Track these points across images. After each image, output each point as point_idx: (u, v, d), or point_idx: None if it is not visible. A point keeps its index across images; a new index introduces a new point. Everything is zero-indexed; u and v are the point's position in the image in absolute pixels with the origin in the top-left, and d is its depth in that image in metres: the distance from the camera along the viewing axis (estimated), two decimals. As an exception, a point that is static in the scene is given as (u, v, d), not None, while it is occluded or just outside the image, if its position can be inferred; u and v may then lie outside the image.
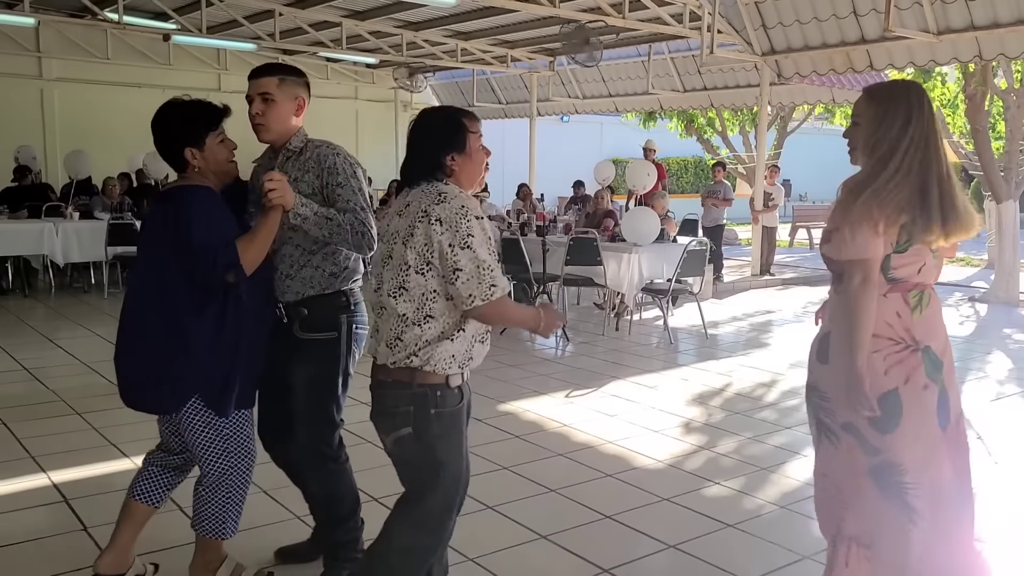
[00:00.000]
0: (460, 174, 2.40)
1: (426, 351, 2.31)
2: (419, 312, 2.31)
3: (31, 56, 13.52)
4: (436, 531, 2.47)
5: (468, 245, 2.25)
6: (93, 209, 9.80)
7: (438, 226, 2.26)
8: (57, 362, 6.33)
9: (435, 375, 2.32)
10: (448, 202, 2.28)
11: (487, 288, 2.26)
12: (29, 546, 3.23)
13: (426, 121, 2.44)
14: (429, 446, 2.36)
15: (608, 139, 21.89)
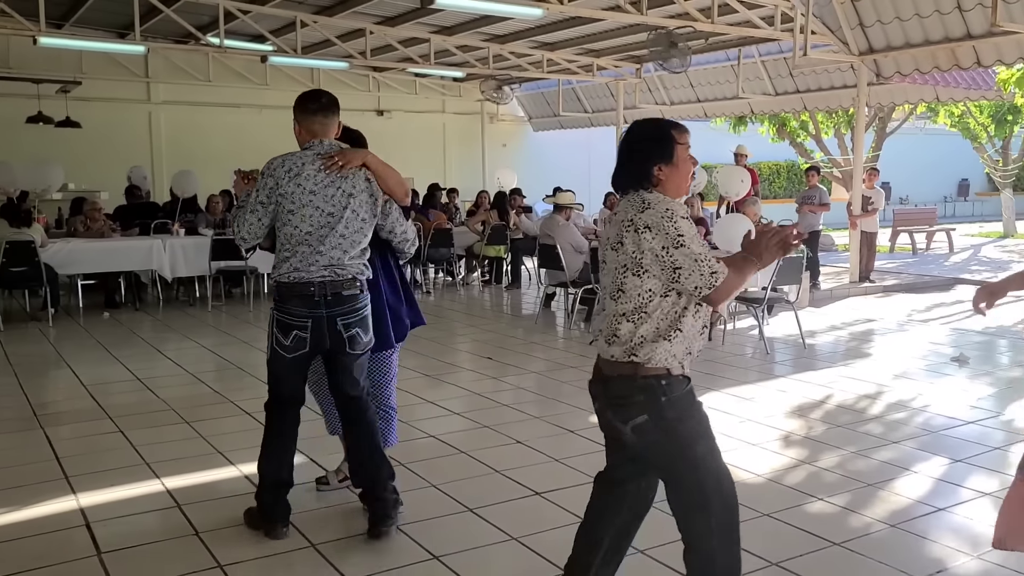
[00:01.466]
0: (667, 183, 2.49)
1: (645, 350, 2.40)
2: (636, 311, 2.42)
3: (140, 81, 14.30)
4: (718, 504, 2.47)
5: (680, 244, 2.35)
6: (198, 226, 10.24)
7: (647, 233, 2.37)
8: (166, 372, 6.64)
9: (657, 368, 2.41)
10: (653, 208, 2.40)
11: (709, 276, 2.35)
12: (146, 549, 3.39)
13: (636, 132, 2.57)
14: (670, 429, 2.43)
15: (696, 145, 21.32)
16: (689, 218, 2.42)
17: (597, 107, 16.58)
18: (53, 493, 3.94)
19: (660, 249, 2.36)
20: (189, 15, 11.14)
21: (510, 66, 13.95)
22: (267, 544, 3.41)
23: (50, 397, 6.00)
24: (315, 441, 4.37)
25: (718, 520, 2.47)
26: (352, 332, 3.38)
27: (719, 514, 2.47)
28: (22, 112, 12.48)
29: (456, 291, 11.60)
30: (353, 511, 3.76)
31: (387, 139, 16.68)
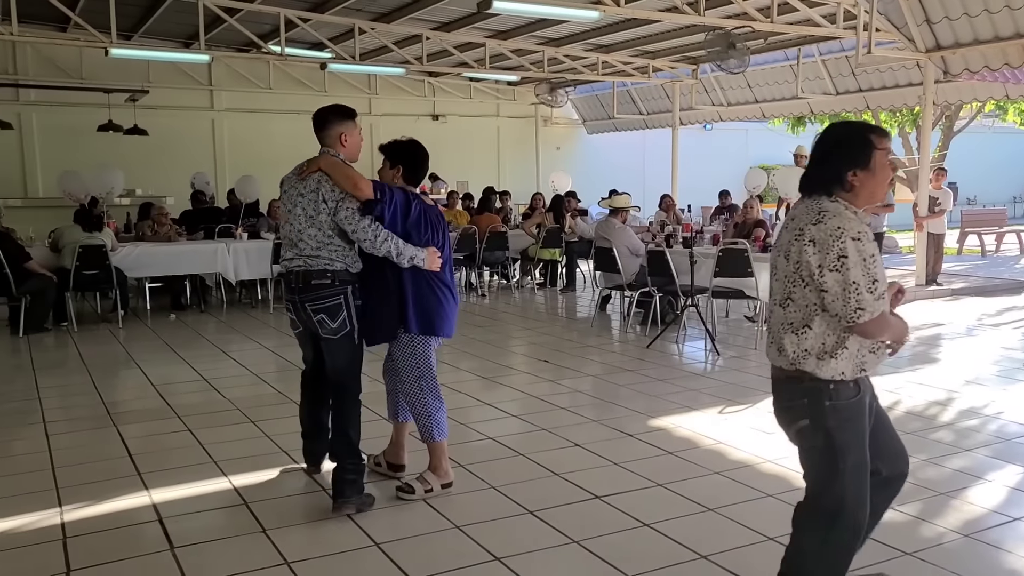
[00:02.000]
0: (860, 190, 2.43)
1: (809, 364, 2.44)
2: (801, 323, 2.45)
3: (204, 89, 14.69)
4: (846, 522, 2.49)
5: (838, 268, 2.33)
6: (260, 230, 10.47)
7: (810, 247, 2.37)
8: (230, 372, 6.80)
9: (823, 376, 2.45)
10: (825, 223, 2.36)
11: (852, 311, 2.34)
12: (216, 544, 3.48)
13: (833, 134, 2.51)
14: (827, 435, 2.46)
15: (753, 146, 21.22)
16: (865, 238, 2.35)
17: (652, 109, 16.47)
18: (127, 489, 4.08)
19: (816, 267, 2.36)
20: (251, 24, 11.43)
21: (565, 69, 13.95)
22: (332, 542, 3.48)
23: (121, 396, 6.20)
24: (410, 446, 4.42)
25: (839, 536, 2.50)
26: (319, 317, 3.75)
27: (841, 532, 2.49)
28: (94, 120, 12.93)
29: (511, 294, 11.64)
30: (417, 510, 3.81)
31: (442, 143, 16.84)
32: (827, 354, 2.42)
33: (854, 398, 2.46)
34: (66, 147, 13.29)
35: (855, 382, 2.47)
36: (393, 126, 16.50)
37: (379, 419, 4.41)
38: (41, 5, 9.85)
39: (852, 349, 2.44)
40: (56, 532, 3.58)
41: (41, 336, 8.30)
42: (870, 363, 2.49)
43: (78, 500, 3.93)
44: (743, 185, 11.18)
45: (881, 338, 2.47)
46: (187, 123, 14.54)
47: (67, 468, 4.39)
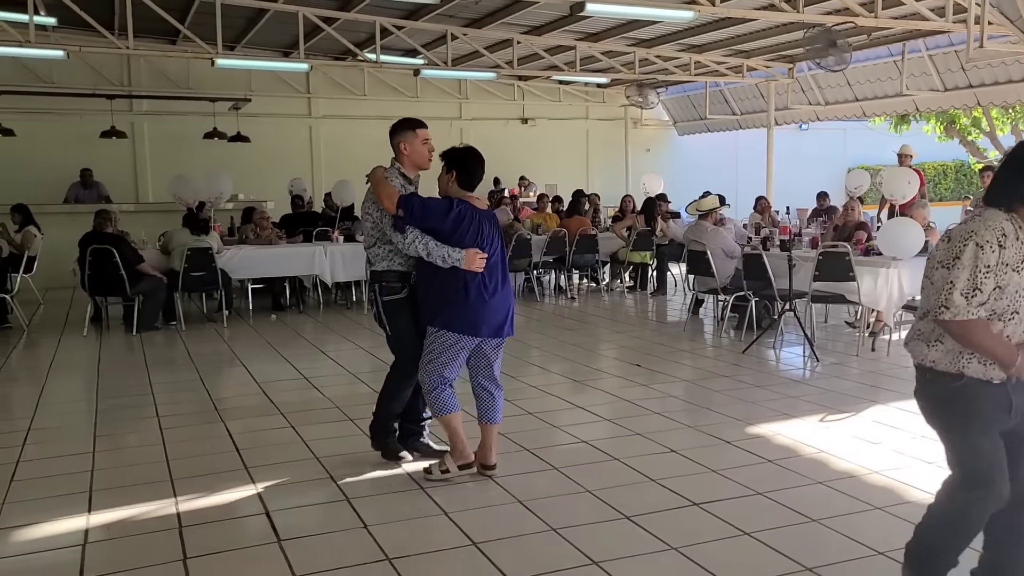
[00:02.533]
0: None
1: (921, 350, 2.68)
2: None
3: (302, 97, 15.19)
4: (974, 490, 2.67)
5: (949, 265, 2.49)
6: (355, 233, 10.73)
7: (944, 242, 2.57)
8: (328, 371, 7.00)
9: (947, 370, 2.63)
10: (970, 223, 2.52)
11: (937, 305, 2.51)
12: (320, 539, 3.58)
13: (1019, 152, 2.61)
14: (947, 427, 2.69)
15: (852, 147, 20.50)
16: (989, 248, 2.44)
17: (746, 109, 16.12)
18: (235, 482, 4.25)
19: (937, 260, 2.55)
20: (348, 33, 11.75)
21: (656, 70, 13.81)
22: (431, 540, 3.54)
23: (227, 392, 6.46)
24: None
25: (960, 500, 2.69)
26: (375, 310, 4.39)
27: (960, 496, 2.70)
28: (200, 128, 13.55)
29: (600, 297, 11.59)
30: (515, 512, 3.84)
31: (531, 146, 16.96)
32: (928, 342, 2.64)
33: (955, 384, 2.60)
34: (174, 154, 13.95)
35: (958, 374, 2.60)
36: (482, 130, 16.71)
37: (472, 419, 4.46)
38: (153, 20, 10.38)
39: (948, 346, 2.60)
40: (172, 521, 3.76)
41: (152, 334, 8.73)
42: (974, 369, 2.58)
43: (191, 491, 4.12)
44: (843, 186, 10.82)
45: (972, 348, 2.56)
46: (286, 130, 15.05)
47: (180, 460, 4.61)
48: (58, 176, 12.99)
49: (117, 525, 3.74)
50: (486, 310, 4.14)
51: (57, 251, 10.27)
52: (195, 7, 10.79)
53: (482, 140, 16.59)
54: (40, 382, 6.71)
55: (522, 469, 4.41)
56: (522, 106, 17.03)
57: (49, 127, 13.31)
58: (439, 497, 4.02)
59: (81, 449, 4.82)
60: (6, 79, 12.70)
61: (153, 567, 3.31)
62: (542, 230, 11.59)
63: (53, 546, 3.56)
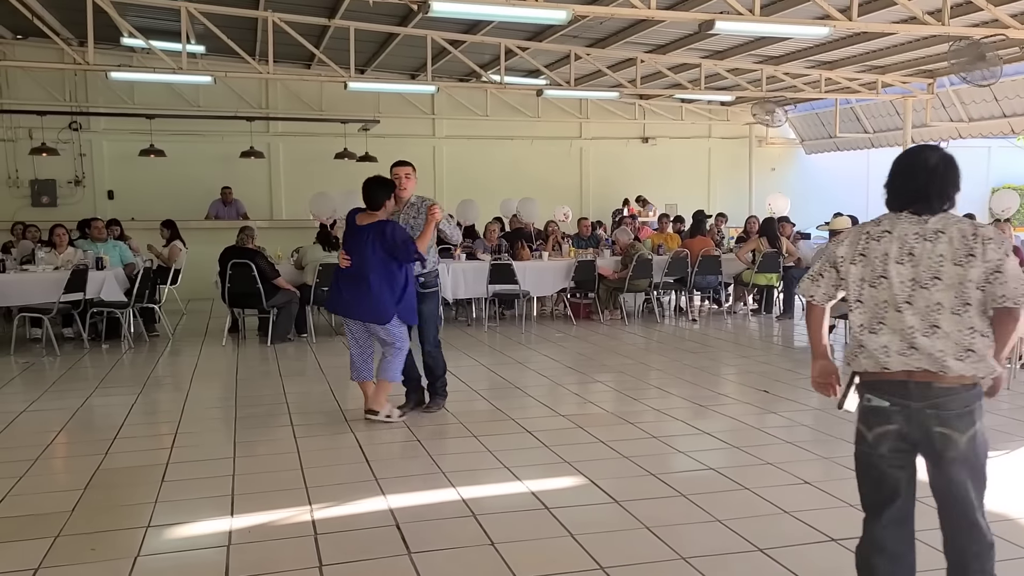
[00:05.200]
0: None
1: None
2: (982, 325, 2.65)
3: (427, 118, 15.62)
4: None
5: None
6: (476, 251, 10.92)
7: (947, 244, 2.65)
8: (451, 387, 7.06)
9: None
10: (981, 227, 2.65)
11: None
12: (449, 553, 3.62)
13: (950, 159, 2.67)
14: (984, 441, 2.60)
15: (996, 165, 19.25)
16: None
17: (879, 127, 15.44)
18: (367, 492, 4.37)
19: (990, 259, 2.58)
20: (473, 55, 12.01)
21: (784, 87, 13.44)
22: (559, 562, 3.52)
23: (355, 403, 6.62)
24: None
25: None
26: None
27: None
28: (331, 149, 14.14)
29: (723, 319, 11.30)
30: (643, 538, 3.77)
31: (651, 165, 16.81)
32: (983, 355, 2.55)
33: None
34: (306, 173, 14.61)
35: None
36: (603, 149, 16.70)
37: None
38: (291, 46, 10.96)
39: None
40: (308, 528, 3.89)
41: (285, 346, 9.12)
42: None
43: (325, 500, 4.26)
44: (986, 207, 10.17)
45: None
46: (411, 150, 15.38)
47: (314, 468, 4.78)
48: (201, 193, 13.85)
49: (258, 529, 3.90)
50: (340, 299, 5.67)
51: (199, 264, 10.93)
52: (330, 32, 11.31)
53: (601, 159, 16.64)
54: (185, 389, 7.12)
55: (649, 494, 4.34)
56: (643, 125, 16.91)
57: (194, 147, 14.21)
58: (564, 518, 4.00)
59: (223, 454, 5.08)
60: (159, 104, 13.68)
61: (292, 571, 3.43)
62: (663, 250, 11.44)
63: (201, 545, 3.75)
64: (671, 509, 4.13)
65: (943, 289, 2.54)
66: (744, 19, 8.06)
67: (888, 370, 2.57)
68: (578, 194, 16.46)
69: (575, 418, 5.97)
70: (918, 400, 2.54)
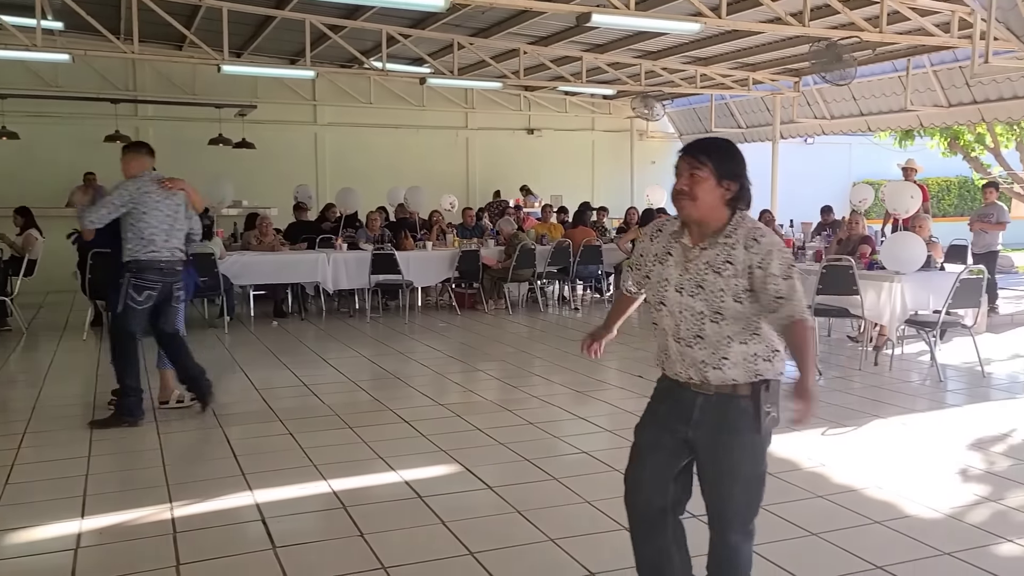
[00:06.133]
0: None
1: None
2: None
3: (308, 104, 15.21)
4: None
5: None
6: (359, 241, 10.74)
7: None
8: (329, 379, 6.97)
9: None
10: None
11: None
12: (315, 546, 3.56)
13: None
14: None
15: (857, 161, 20.49)
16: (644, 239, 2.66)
17: (752, 122, 16.13)
18: (232, 488, 4.22)
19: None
20: (354, 40, 11.77)
21: (662, 82, 13.82)
22: (428, 548, 3.50)
23: (227, 398, 6.40)
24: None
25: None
26: (177, 292, 5.55)
27: None
28: (205, 134, 13.56)
29: (604, 308, 11.55)
30: (512, 521, 3.80)
31: (537, 157, 16.96)
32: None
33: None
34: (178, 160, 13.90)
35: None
36: (489, 140, 16.72)
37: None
38: (159, 25, 10.42)
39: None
40: (167, 527, 3.73)
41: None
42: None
43: (187, 497, 4.09)
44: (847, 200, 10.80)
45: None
46: (291, 137, 15.08)
47: (177, 466, 4.59)
48: (61, 180, 12.99)
49: (111, 530, 3.71)
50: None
51: (58, 254, 10.27)
52: (201, 13, 10.83)
53: (488, 150, 16.67)
54: (38, 386, 6.69)
55: (522, 479, 4.38)
56: (528, 116, 17.05)
57: (53, 130, 13.32)
58: (437, 506, 3.99)
59: (76, 454, 4.79)
60: (11, 82, 12.73)
61: (145, 572, 3.28)
62: (546, 240, 11.58)
63: (45, 550, 3.53)
64: (543, 493, 4.18)
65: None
66: (620, 13, 8.24)
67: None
68: (464, 184, 16.44)
69: (455, 407, 5.96)
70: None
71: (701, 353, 2.47)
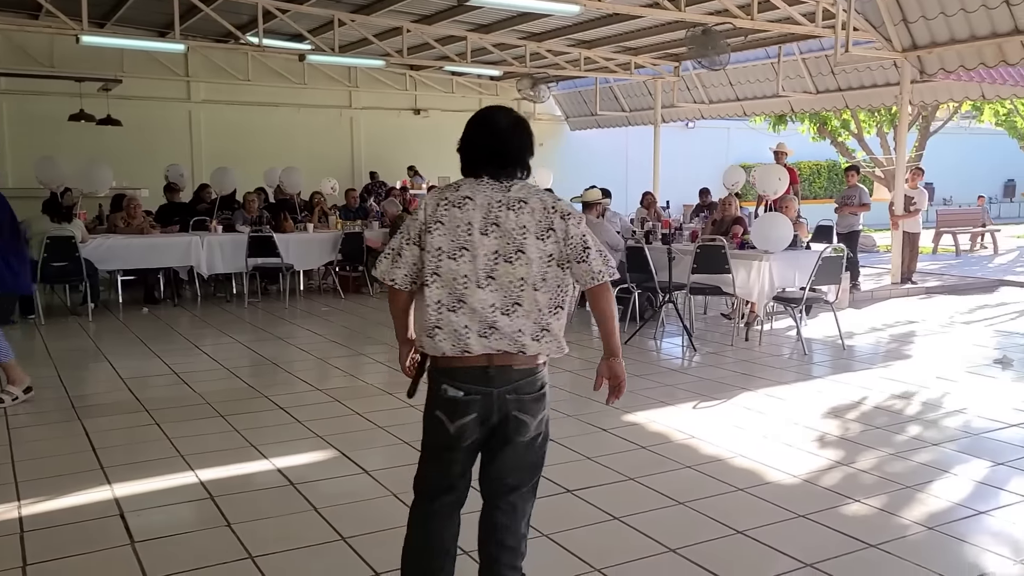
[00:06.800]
0: None
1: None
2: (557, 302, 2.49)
3: (180, 80, 14.52)
4: None
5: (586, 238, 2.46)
6: (235, 223, 10.36)
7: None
8: (203, 367, 6.71)
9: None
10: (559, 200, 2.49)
11: (606, 272, 2.44)
12: (178, 539, 3.41)
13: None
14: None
15: (735, 144, 21.30)
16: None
17: (635, 106, 16.47)
18: (89, 483, 4.00)
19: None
20: (229, 14, 11.28)
21: (547, 64, 13.92)
22: (298, 536, 3.42)
23: (89, 390, 6.09)
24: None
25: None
26: None
27: None
28: (65, 110, 12.75)
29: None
30: (384, 504, 3.76)
31: (424, 138, 16.80)
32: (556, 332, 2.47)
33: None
34: (36, 136, 13.08)
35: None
36: (374, 119, 16.44)
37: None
38: (12, -8, 9.70)
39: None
40: (13, 526, 3.50)
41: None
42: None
43: (38, 494, 3.85)
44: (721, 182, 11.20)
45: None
46: (163, 114, 14.36)
47: (28, 462, 4.31)
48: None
49: (-50, 533, 3.45)
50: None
51: None
52: (59, -20, 10.12)
53: (373, 130, 16.38)
54: None
55: (399, 462, 4.34)
56: (414, 96, 16.85)
57: None
58: (310, 493, 3.90)
59: (-85, 452, 4.43)
60: None
61: (-12, 576, 3.07)
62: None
63: None
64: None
65: (525, 264, 2.36)
66: (500, -7, 8.22)
67: (469, 353, 2.35)
68: (349, 165, 16.12)
69: (334, 392, 5.85)
70: (499, 385, 2.37)
71: None
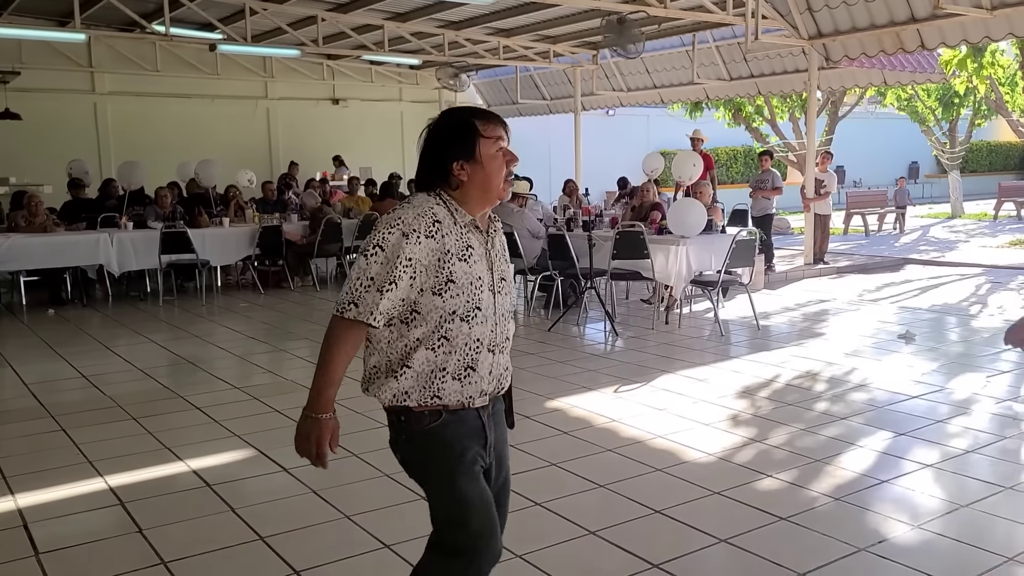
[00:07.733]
0: (469, 184, 2.12)
1: (375, 386, 2.14)
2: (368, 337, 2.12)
3: (84, 71, 13.91)
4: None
5: (365, 253, 2.00)
6: (147, 219, 10.02)
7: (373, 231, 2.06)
8: (115, 369, 6.48)
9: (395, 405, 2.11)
10: (394, 211, 2.06)
11: (347, 302, 2.00)
12: (86, 548, 3.30)
13: (437, 123, 2.15)
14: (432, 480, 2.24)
15: (655, 131, 21.63)
16: (419, 238, 1.99)
17: (555, 94, 16.54)
18: (-10, 494, 3.83)
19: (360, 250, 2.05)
20: (133, 2, 10.86)
21: (466, 53, 13.85)
22: (213, 538, 3.35)
23: None
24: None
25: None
26: None
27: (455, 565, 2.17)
28: (-40, 104, 12.09)
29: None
30: (304, 502, 3.71)
31: (344, 128, 16.54)
32: (391, 373, 2.07)
33: (434, 424, 2.10)
34: (-69, 133, 12.38)
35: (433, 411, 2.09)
36: (292, 110, 16.09)
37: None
38: None
39: (417, 369, 2.06)
40: (-94, 544, 3.32)
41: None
42: (446, 387, 2.08)
43: (-66, 508, 3.66)
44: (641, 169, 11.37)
45: (326, 351, 2.09)
46: (66, 107, 13.73)
47: (-77, 475, 4.10)
48: None
49: None
50: None
51: None
52: (-54, -34, 9.59)
53: (291, 121, 16.03)
54: None
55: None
56: (332, 86, 16.55)
57: None
58: (227, 493, 3.82)
59: None
60: None
61: None
62: (354, 214, 11.34)
63: None
64: (341, 470, 4.10)
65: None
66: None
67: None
68: (267, 157, 15.74)
69: (253, 390, 5.73)
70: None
71: (506, 358, 2.23)
